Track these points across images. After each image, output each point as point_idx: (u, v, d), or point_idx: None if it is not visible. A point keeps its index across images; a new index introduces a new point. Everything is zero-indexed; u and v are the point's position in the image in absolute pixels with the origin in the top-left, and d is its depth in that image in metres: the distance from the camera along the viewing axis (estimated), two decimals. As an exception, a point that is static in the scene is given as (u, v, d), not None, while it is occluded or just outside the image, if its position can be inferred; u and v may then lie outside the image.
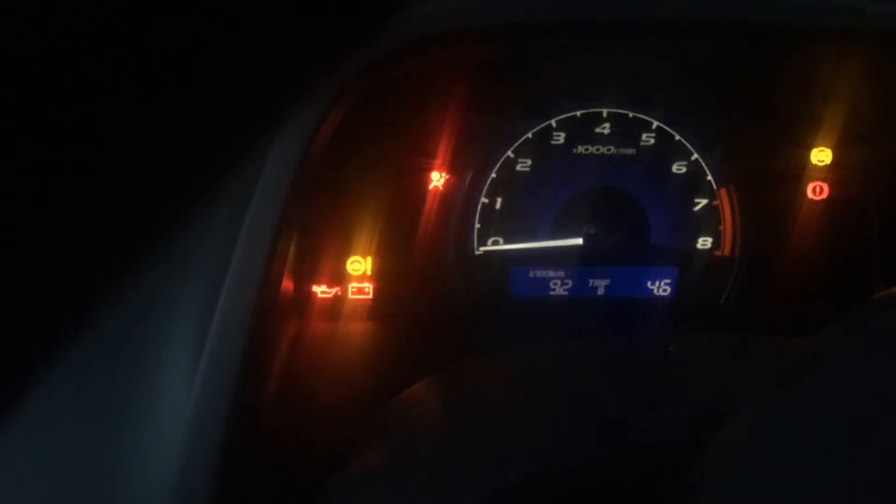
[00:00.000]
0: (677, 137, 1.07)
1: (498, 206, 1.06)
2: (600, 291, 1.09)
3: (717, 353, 0.79)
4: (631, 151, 1.07)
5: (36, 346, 0.58)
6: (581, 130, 1.06)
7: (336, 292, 1.05)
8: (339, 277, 1.05)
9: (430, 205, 1.05)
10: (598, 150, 1.06)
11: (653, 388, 0.68)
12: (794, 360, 0.47)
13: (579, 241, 1.07)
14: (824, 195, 1.08)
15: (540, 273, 1.08)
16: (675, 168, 1.08)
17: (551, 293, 1.09)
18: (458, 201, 1.05)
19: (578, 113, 1.05)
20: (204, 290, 0.60)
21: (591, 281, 1.09)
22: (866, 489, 0.37)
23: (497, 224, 1.07)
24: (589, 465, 0.56)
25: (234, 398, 0.58)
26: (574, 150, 1.06)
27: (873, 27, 0.73)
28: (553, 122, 1.05)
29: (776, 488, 0.40)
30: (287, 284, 0.95)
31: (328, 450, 0.66)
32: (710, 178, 1.08)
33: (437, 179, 1.05)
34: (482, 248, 1.07)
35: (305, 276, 1.04)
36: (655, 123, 1.06)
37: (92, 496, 0.56)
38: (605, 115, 1.06)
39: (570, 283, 1.09)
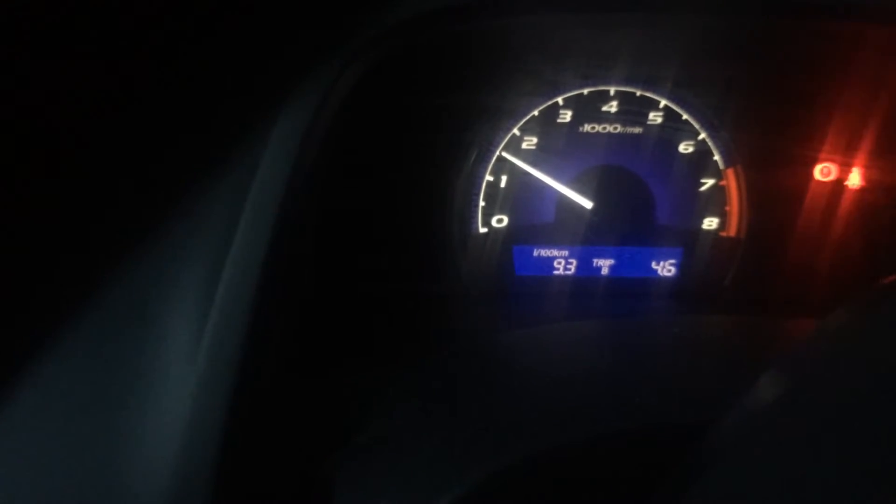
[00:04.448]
0: (685, 116, 1.06)
1: (503, 184, 1.06)
2: (604, 271, 1.09)
3: (720, 334, 0.79)
4: (638, 130, 1.06)
5: (44, 320, 0.59)
6: (588, 108, 1.05)
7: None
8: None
9: (435, 182, 1.04)
10: (604, 128, 1.06)
11: (656, 369, 0.68)
12: (800, 343, 0.47)
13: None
14: (832, 177, 1.07)
15: (544, 252, 1.08)
16: (682, 147, 1.07)
17: (555, 273, 1.08)
18: (462, 179, 1.05)
19: (585, 91, 1.04)
20: (208, 266, 0.60)
21: (595, 261, 1.09)
22: (869, 472, 0.37)
23: (501, 202, 1.06)
24: (592, 446, 0.56)
25: (238, 372, 0.58)
26: (580, 129, 1.05)
27: (885, 5, 0.72)
28: (559, 100, 1.04)
29: (781, 471, 0.40)
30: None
31: (331, 423, 0.67)
32: (717, 158, 1.07)
33: (444, 156, 1.04)
34: (486, 227, 1.07)
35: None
36: (663, 102, 1.05)
37: (96, 468, 0.57)
38: (612, 93, 1.05)
39: (574, 262, 1.08)
